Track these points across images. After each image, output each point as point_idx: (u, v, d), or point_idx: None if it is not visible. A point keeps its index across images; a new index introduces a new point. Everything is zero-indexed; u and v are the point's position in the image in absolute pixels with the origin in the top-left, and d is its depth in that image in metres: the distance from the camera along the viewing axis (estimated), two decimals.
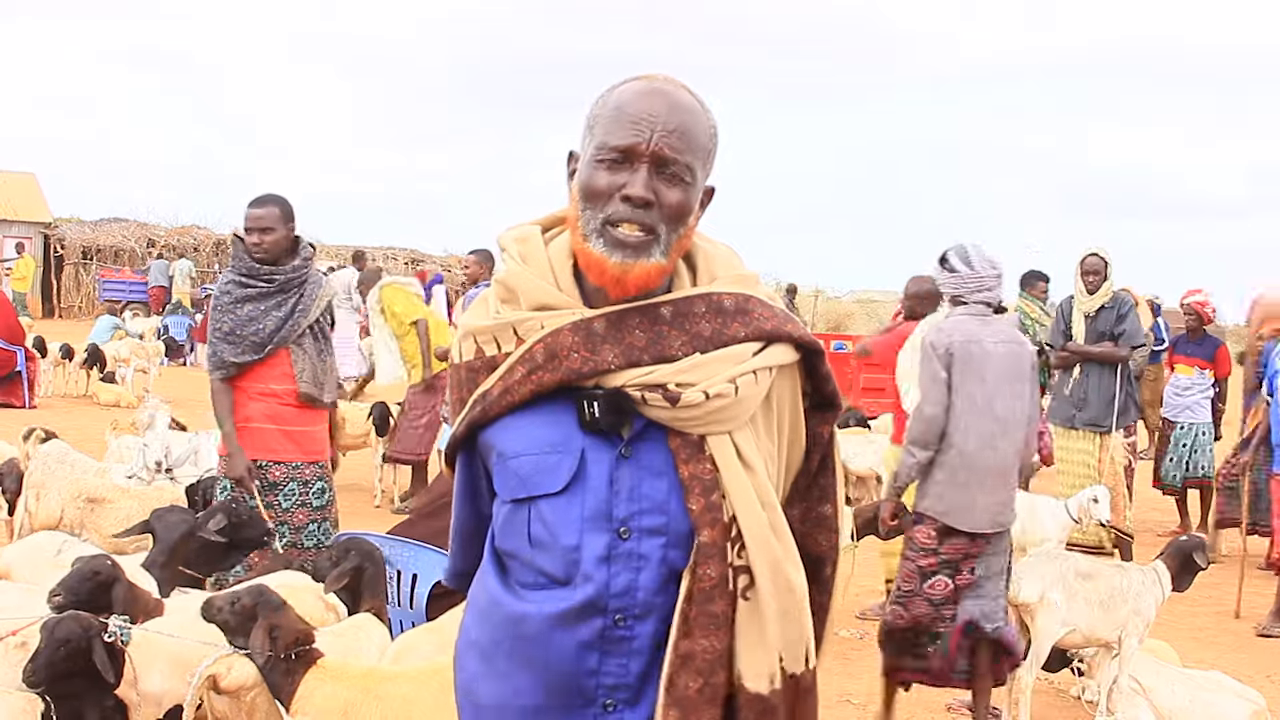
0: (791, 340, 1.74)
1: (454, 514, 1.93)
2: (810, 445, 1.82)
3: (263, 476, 4.90)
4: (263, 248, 4.83)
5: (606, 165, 1.68)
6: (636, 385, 1.66)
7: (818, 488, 1.85)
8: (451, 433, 1.83)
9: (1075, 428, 7.60)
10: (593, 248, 1.68)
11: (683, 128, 1.69)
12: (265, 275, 4.86)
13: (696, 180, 1.71)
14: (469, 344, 1.78)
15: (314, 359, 4.94)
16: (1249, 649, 6.57)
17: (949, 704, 5.38)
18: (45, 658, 3.36)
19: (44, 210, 29.95)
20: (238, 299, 4.87)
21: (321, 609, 4.23)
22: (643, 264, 1.67)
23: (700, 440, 1.68)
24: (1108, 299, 7.52)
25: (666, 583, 1.68)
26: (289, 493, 4.93)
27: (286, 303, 4.87)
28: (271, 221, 4.84)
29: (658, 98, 1.69)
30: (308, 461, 4.99)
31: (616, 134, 1.68)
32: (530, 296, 1.73)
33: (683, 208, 1.69)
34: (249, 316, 4.84)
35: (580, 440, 1.70)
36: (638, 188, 1.66)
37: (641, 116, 1.67)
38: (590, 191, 1.69)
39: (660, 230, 1.68)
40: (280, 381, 4.90)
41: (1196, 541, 5.30)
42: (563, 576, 1.70)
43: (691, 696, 1.65)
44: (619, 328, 1.68)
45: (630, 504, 1.68)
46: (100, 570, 3.76)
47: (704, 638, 1.65)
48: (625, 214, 1.66)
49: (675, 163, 1.68)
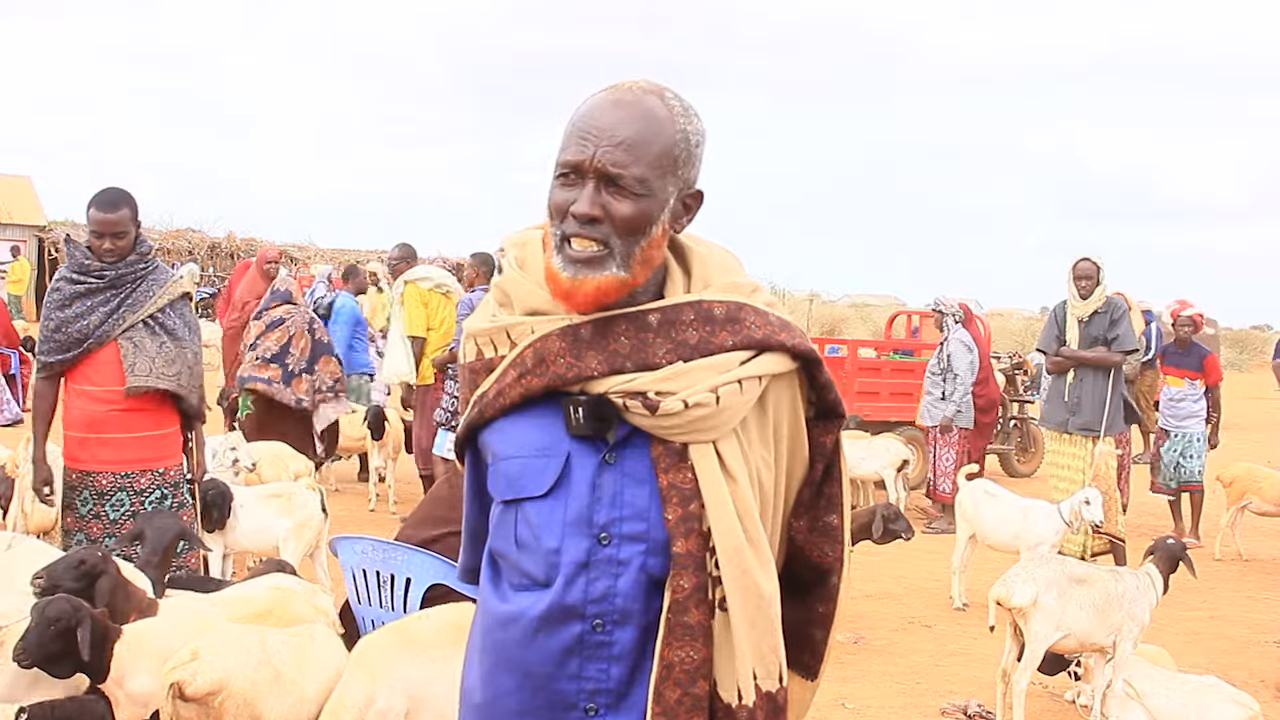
0: (785, 349, 1.73)
1: (465, 514, 1.96)
2: (814, 455, 1.82)
3: (90, 485, 4.72)
4: (116, 252, 4.67)
5: (560, 181, 1.71)
6: (618, 392, 1.67)
7: (824, 497, 1.85)
8: (457, 434, 1.86)
9: (1069, 432, 7.61)
10: (552, 262, 1.69)
11: (631, 140, 1.67)
12: (97, 272, 4.67)
13: (653, 191, 1.69)
14: (470, 346, 1.80)
15: (151, 352, 4.68)
16: (1244, 653, 6.57)
17: (943, 708, 5.38)
18: (36, 637, 3.38)
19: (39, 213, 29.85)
20: (68, 296, 4.67)
21: (311, 611, 4.22)
22: (594, 279, 1.67)
23: (683, 449, 1.68)
24: (1101, 304, 7.53)
25: (644, 590, 1.69)
26: (116, 503, 4.72)
27: (115, 299, 4.67)
28: (125, 225, 4.68)
29: (609, 111, 1.69)
30: (140, 470, 4.76)
31: (568, 150, 1.70)
32: (523, 301, 1.75)
33: (635, 220, 1.68)
34: (75, 314, 4.65)
35: (566, 445, 1.71)
36: (583, 204, 1.67)
37: (589, 131, 1.68)
38: (551, 207, 1.72)
39: (614, 244, 1.67)
40: (108, 383, 4.69)
41: (1179, 545, 5.33)
42: (544, 579, 1.71)
43: (673, 706, 1.66)
44: (605, 334, 1.69)
45: (611, 510, 1.69)
46: (86, 560, 3.76)
47: (681, 648, 1.66)
48: (574, 229, 1.67)
49: (621, 176, 1.67)
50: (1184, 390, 9.60)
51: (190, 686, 3.36)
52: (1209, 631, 7.10)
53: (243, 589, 4.47)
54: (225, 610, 4.07)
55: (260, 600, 4.22)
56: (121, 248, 4.69)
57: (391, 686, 3.52)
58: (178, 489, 4.90)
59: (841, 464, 1.87)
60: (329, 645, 3.86)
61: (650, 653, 1.68)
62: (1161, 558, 5.27)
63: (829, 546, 1.85)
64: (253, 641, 3.60)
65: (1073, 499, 6.80)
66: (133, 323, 4.69)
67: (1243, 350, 33.18)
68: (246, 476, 6.59)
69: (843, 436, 1.88)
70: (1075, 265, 7.58)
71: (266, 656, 3.57)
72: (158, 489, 4.81)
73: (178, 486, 4.90)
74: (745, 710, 1.69)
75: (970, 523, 7.22)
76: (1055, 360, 7.72)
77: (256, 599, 4.23)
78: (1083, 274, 7.56)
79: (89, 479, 4.74)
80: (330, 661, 3.76)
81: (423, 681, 3.51)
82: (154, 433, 4.81)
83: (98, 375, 4.70)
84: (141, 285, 4.74)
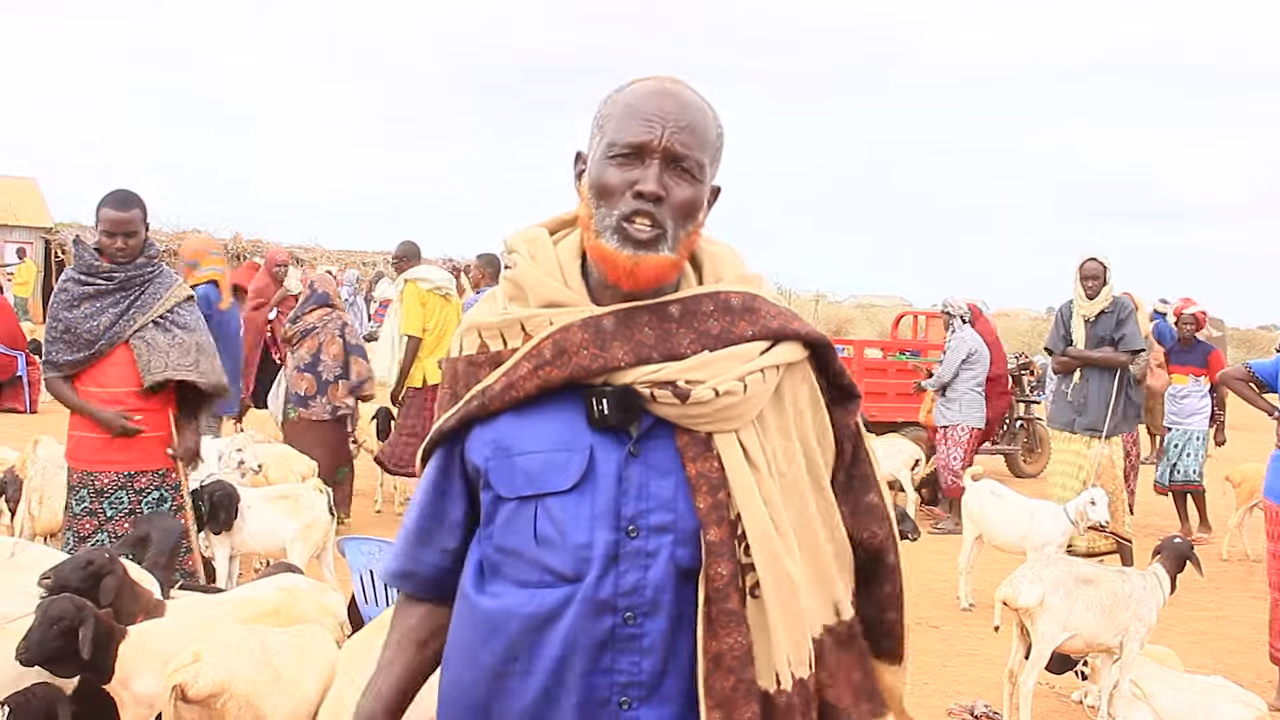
0: (798, 338, 1.76)
1: (413, 511, 1.88)
2: (839, 437, 1.83)
3: (91, 484, 4.75)
4: (127, 251, 4.68)
5: (618, 162, 1.71)
6: (646, 382, 1.67)
7: (857, 478, 1.86)
8: (437, 426, 1.80)
9: (1075, 432, 7.59)
10: (605, 243, 1.70)
11: (693, 125, 1.72)
12: (105, 273, 4.69)
13: (706, 177, 1.75)
14: (472, 338, 1.78)
15: (165, 349, 4.71)
16: (1251, 653, 6.55)
17: (950, 709, 5.37)
18: (38, 635, 3.39)
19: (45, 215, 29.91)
20: (76, 297, 4.70)
21: (319, 611, 4.23)
22: (653, 257, 1.69)
23: (707, 438, 1.69)
24: (1107, 304, 7.52)
25: (674, 580, 1.68)
26: (115, 501, 4.75)
27: (124, 301, 4.69)
28: (137, 224, 4.69)
29: (668, 97, 1.73)
30: (141, 470, 4.78)
31: (628, 131, 1.71)
32: (539, 293, 1.74)
33: (692, 204, 1.72)
34: (84, 315, 4.67)
35: (588, 438, 1.70)
36: (650, 183, 1.69)
37: (653, 114, 1.71)
38: (602, 188, 1.72)
39: (668, 226, 1.70)
40: (119, 384, 4.71)
41: (1186, 545, 5.33)
42: (572, 574, 1.69)
43: (729, 695, 1.65)
44: (628, 325, 1.70)
45: (638, 502, 1.69)
46: (93, 560, 3.77)
47: (728, 636, 1.65)
48: (635, 208, 1.69)
49: (686, 158, 1.71)
50: (1188, 387, 9.66)
51: (192, 688, 3.36)
52: (1216, 632, 7.08)
53: (250, 589, 4.48)
54: (232, 610, 4.08)
55: (268, 600, 4.23)
56: (133, 247, 4.70)
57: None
58: (177, 491, 4.91)
59: (867, 444, 1.89)
60: (328, 645, 3.87)
61: (678, 644, 1.67)
62: (1168, 558, 5.26)
63: (875, 525, 1.85)
64: (254, 643, 3.61)
65: (1079, 499, 6.79)
66: (143, 324, 4.70)
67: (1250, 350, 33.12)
68: (253, 478, 6.60)
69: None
70: (1082, 265, 7.57)
71: (267, 657, 3.58)
72: (157, 489, 4.83)
73: (177, 489, 4.91)
74: (784, 695, 1.68)
75: (977, 523, 7.21)
76: (1061, 360, 7.71)
77: (264, 599, 4.24)
78: (1089, 274, 7.55)
79: (90, 478, 4.76)
80: (330, 661, 3.77)
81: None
82: (161, 433, 4.83)
83: (106, 377, 4.72)
84: (150, 287, 4.76)
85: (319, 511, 6.04)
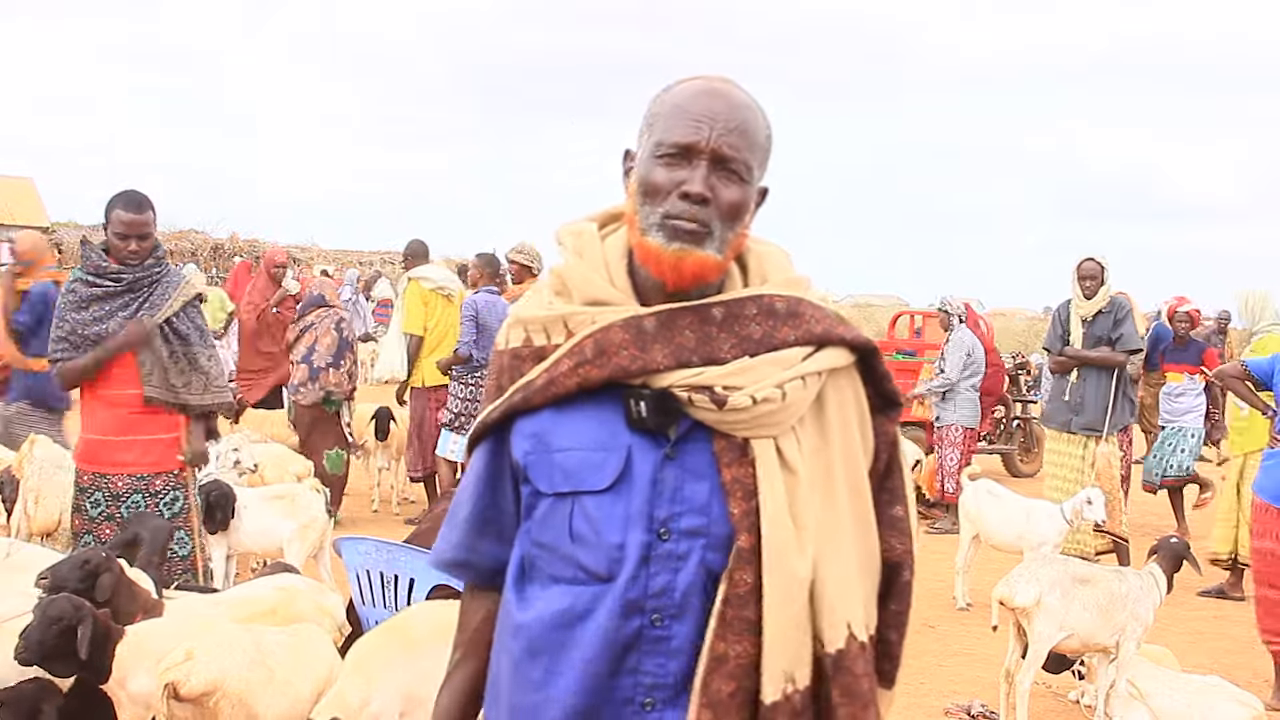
0: (844, 343, 1.74)
1: (467, 501, 1.85)
2: (878, 445, 1.80)
3: (105, 487, 4.72)
4: (140, 253, 4.65)
5: (665, 162, 1.70)
6: (684, 386, 1.66)
7: (887, 490, 1.82)
8: (481, 418, 1.79)
9: (1072, 432, 7.60)
10: (650, 239, 1.68)
11: (742, 126, 1.70)
12: (114, 274, 4.66)
13: (753, 179, 1.73)
14: (518, 332, 1.77)
15: (164, 360, 4.69)
16: (1247, 653, 6.56)
17: (947, 709, 5.38)
18: (37, 635, 3.39)
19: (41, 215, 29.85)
20: (84, 299, 4.64)
21: (316, 611, 4.23)
22: (698, 253, 1.67)
23: (744, 444, 1.67)
24: (1104, 304, 7.53)
25: (702, 584, 1.67)
26: (132, 505, 4.72)
27: (133, 303, 4.67)
28: (150, 226, 4.66)
29: (718, 97, 1.72)
30: (156, 472, 4.76)
31: (676, 131, 1.70)
32: (583, 291, 1.73)
33: (739, 206, 1.70)
34: (93, 317, 4.62)
35: (626, 438, 1.69)
36: (696, 184, 1.67)
37: (702, 114, 1.69)
38: (649, 187, 1.70)
39: (715, 227, 1.68)
40: (124, 386, 4.67)
41: (1183, 544, 5.33)
42: (604, 573, 1.68)
43: (724, 700, 1.64)
44: (670, 327, 1.68)
45: (672, 505, 1.68)
46: (91, 560, 3.77)
47: (737, 642, 1.64)
48: (683, 209, 1.68)
49: (734, 160, 1.69)
50: (1183, 385, 9.66)
51: (185, 687, 3.36)
52: (1212, 631, 7.09)
53: (247, 589, 4.48)
54: (229, 610, 4.08)
55: (265, 600, 4.23)
56: (145, 249, 4.67)
57: (386, 689, 3.53)
58: (187, 488, 4.91)
59: (900, 455, 1.85)
60: (323, 645, 3.87)
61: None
62: (1165, 557, 5.27)
63: (897, 539, 1.81)
64: (248, 642, 3.61)
65: (1075, 499, 6.79)
66: (151, 327, 4.68)
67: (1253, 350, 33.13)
68: (249, 478, 6.60)
69: None
70: (1079, 265, 7.59)
71: (261, 656, 3.58)
72: (171, 490, 4.81)
73: (187, 486, 4.91)
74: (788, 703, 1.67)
75: (973, 523, 7.22)
76: (1058, 360, 7.72)
77: (261, 599, 4.24)
78: (1087, 274, 7.56)
79: (103, 480, 4.73)
80: (324, 661, 3.77)
81: (417, 683, 3.51)
82: (172, 435, 4.81)
83: (116, 379, 4.69)
84: (157, 288, 4.73)
85: (316, 511, 6.05)
